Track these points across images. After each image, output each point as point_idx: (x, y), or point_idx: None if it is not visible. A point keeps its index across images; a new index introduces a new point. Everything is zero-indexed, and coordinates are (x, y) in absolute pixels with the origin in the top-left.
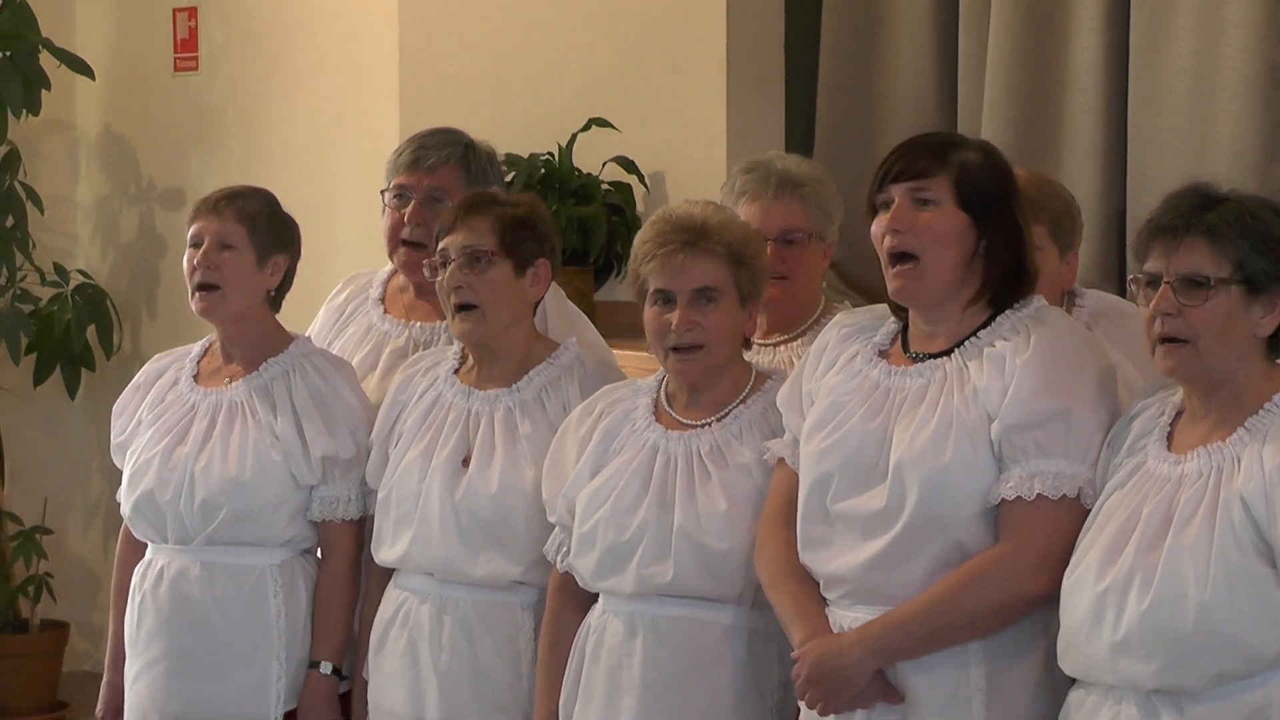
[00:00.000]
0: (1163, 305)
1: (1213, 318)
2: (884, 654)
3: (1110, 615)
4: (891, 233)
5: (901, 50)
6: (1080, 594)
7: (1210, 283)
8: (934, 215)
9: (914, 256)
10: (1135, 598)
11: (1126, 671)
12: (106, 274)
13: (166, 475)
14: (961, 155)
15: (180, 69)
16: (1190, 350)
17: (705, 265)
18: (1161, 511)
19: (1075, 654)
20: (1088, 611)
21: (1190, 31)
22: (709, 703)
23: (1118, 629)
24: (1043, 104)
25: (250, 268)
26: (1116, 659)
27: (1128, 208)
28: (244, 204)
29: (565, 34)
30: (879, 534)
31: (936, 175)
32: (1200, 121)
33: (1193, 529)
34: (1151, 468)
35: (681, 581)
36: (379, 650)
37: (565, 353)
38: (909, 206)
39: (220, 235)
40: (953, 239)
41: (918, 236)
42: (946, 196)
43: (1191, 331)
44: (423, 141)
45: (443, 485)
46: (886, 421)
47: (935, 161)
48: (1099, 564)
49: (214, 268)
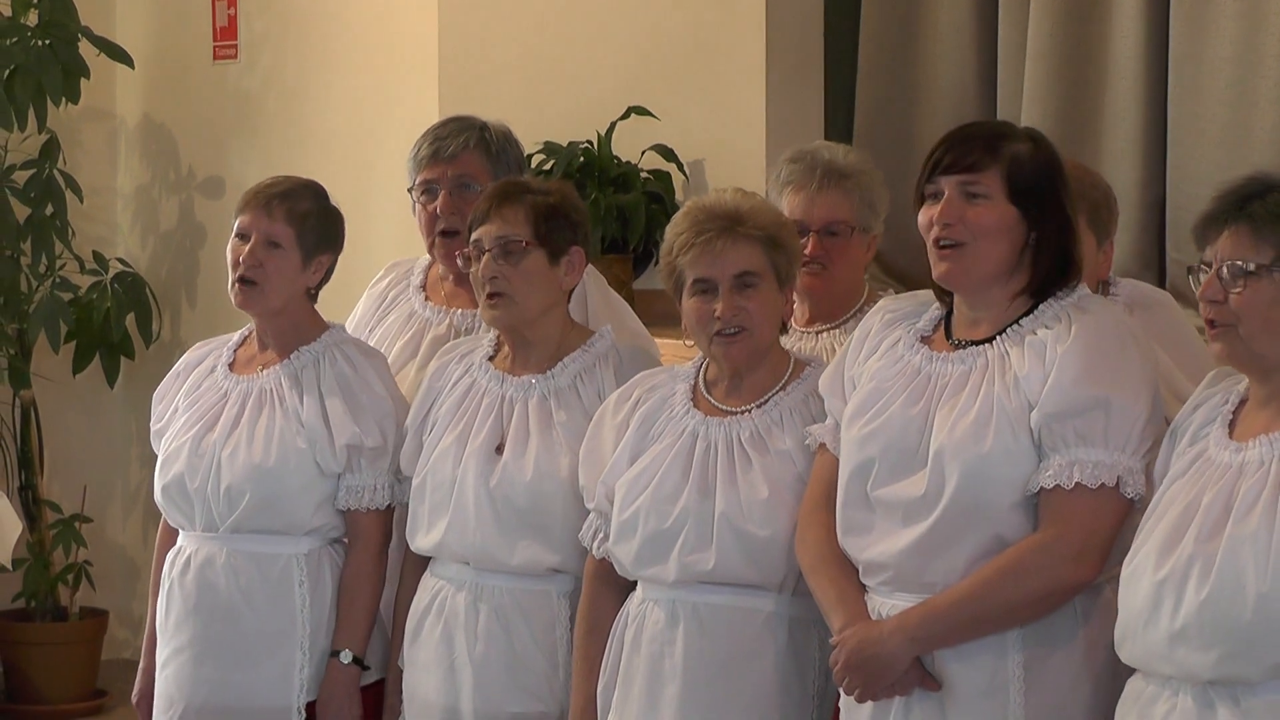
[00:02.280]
0: (1208, 292)
1: (1257, 303)
2: (923, 641)
3: (1168, 604)
4: (941, 225)
5: (941, 39)
6: (1139, 583)
7: (1252, 269)
8: (985, 209)
9: (963, 244)
10: (1194, 587)
11: (1184, 661)
12: (146, 262)
13: (195, 462)
14: (1013, 148)
15: (220, 57)
16: (1234, 334)
17: (744, 250)
18: (1222, 500)
19: (1133, 643)
20: (1146, 600)
21: (1231, 20)
22: (751, 690)
23: (1175, 618)
24: (1082, 93)
25: (295, 268)
26: (1174, 649)
27: (1168, 197)
28: (295, 204)
29: (605, 22)
30: (918, 521)
31: (988, 169)
32: (1241, 111)
33: (1253, 518)
34: (1212, 455)
35: (724, 569)
36: (414, 639)
37: (600, 340)
38: (959, 199)
39: (269, 233)
40: (1003, 232)
41: (968, 230)
42: (997, 190)
43: (1234, 316)
44: (437, 133)
45: (477, 472)
46: (928, 407)
47: (986, 154)
48: (1158, 553)
49: (258, 265)
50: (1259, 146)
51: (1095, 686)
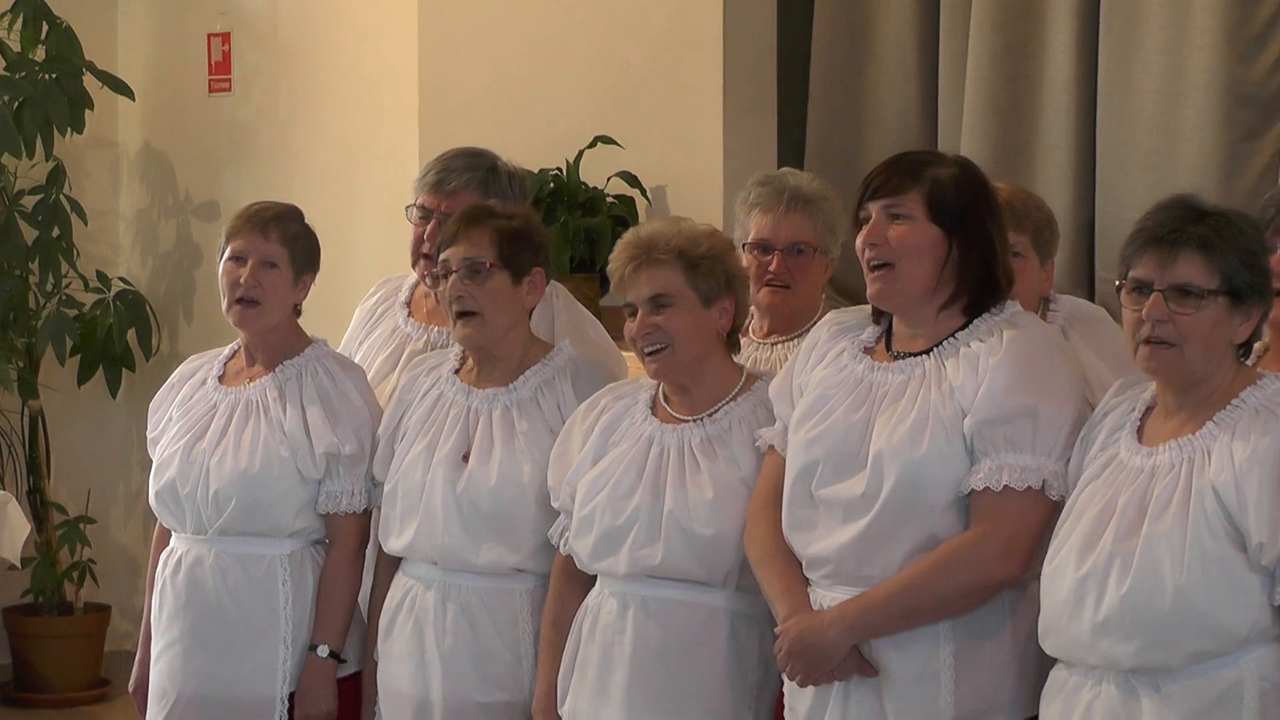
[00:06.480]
0: (1155, 312)
1: (1201, 326)
2: (860, 631)
3: (1091, 599)
4: (869, 246)
5: (886, 73)
6: (1061, 579)
7: (1202, 294)
8: (906, 229)
9: (891, 265)
10: (1115, 582)
11: (1107, 651)
12: (146, 281)
13: (186, 469)
14: (934, 172)
15: (215, 90)
16: (1175, 353)
17: (657, 274)
18: (1137, 501)
19: (1057, 635)
20: (1069, 595)
21: (1157, 55)
22: (694, 678)
23: (1098, 611)
24: (1018, 123)
25: (288, 286)
26: (1097, 640)
27: (1097, 219)
28: (287, 226)
29: (573, 59)
30: (858, 518)
31: (910, 191)
32: (1166, 138)
33: (1168, 517)
34: (1125, 460)
35: (670, 564)
36: (388, 634)
37: (559, 354)
38: (884, 221)
39: (266, 255)
40: (925, 249)
41: (892, 249)
42: (919, 211)
43: (1180, 337)
44: (448, 164)
45: (445, 479)
46: (869, 414)
47: (908, 179)
48: (1079, 551)
49: (257, 285)
50: (1183, 172)
51: (1021, 675)
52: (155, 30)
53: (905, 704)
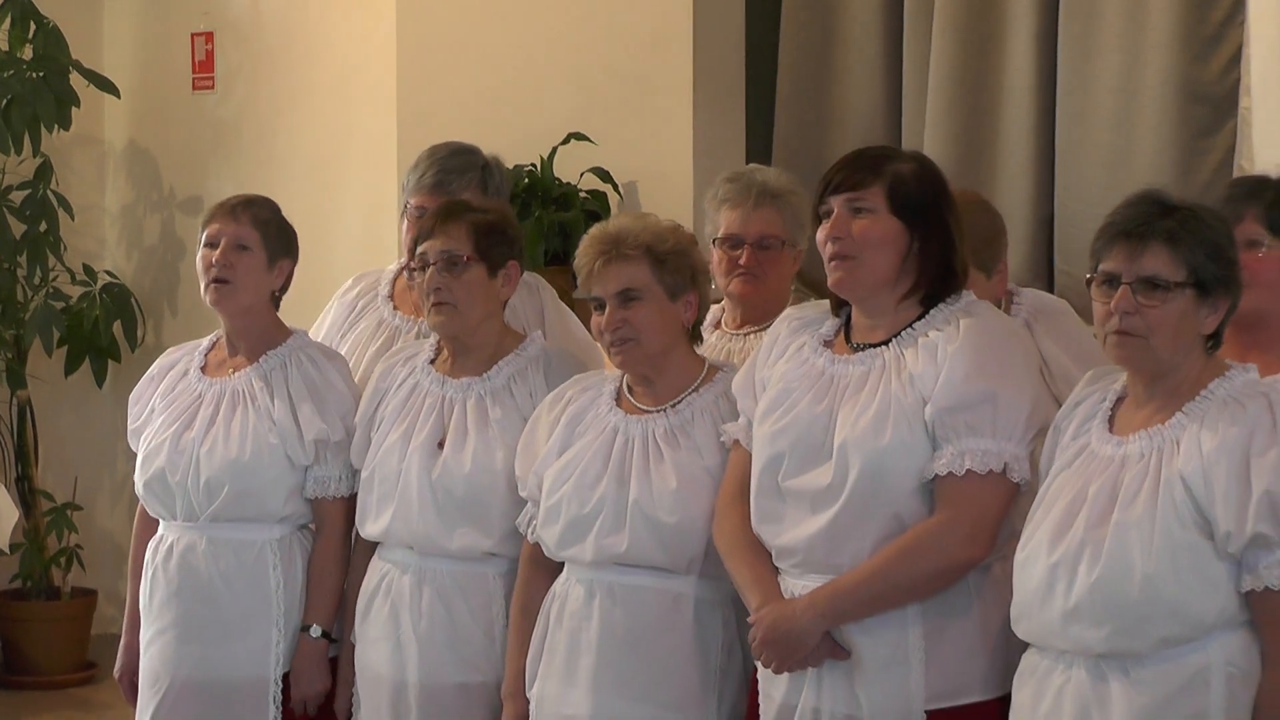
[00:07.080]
0: (1123, 304)
1: (1168, 318)
2: (832, 617)
3: (1062, 585)
4: (832, 239)
5: (851, 72)
6: (1033, 566)
7: (1169, 286)
8: (869, 222)
9: (854, 257)
10: (1085, 569)
11: (1077, 637)
12: (131, 274)
13: (175, 457)
14: (895, 167)
15: (198, 88)
16: (1143, 344)
17: (622, 269)
18: (1107, 490)
19: (1029, 621)
20: (1040, 582)
21: (1114, 54)
22: (659, 663)
23: (1069, 598)
24: (979, 120)
25: (261, 268)
26: (1068, 626)
27: (1056, 214)
28: (258, 211)
29: (547, 57)
30: (826, 508)
31: (871, 186)
32: (1122, 135)
33: (1138, 506)
34: (1096, 449)
35: (635, 552)
36: (364, 617)
37: (532, 345)
38: (846, 215)
39: (237, 237)
40: (887, 242)
41: (856, 242)
42: (881, 204)
43: (1147, 328)
44: (444, 164)
45: (420, 465)
46: (832, 405)
47: (870, 174)
48: (1050, 538)
49: (229, 265)
50: (1140, 168)
51: (990, 656)
52: (140, 30)
53: (877, 687)
